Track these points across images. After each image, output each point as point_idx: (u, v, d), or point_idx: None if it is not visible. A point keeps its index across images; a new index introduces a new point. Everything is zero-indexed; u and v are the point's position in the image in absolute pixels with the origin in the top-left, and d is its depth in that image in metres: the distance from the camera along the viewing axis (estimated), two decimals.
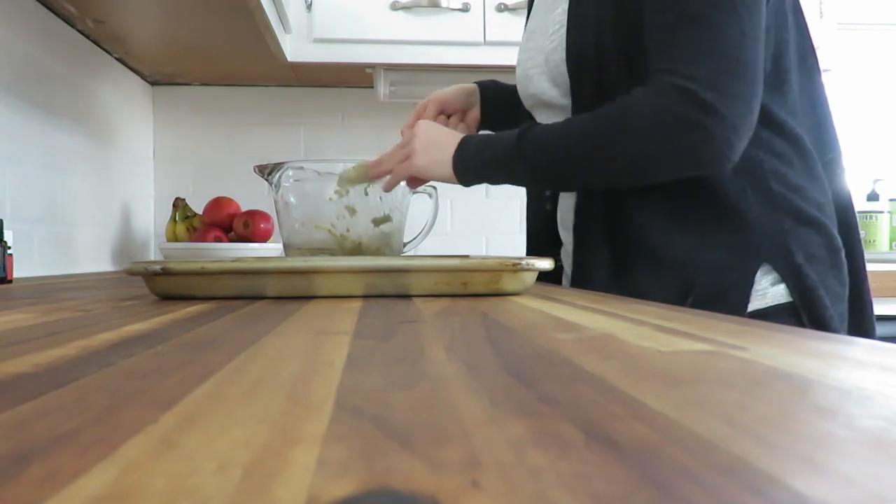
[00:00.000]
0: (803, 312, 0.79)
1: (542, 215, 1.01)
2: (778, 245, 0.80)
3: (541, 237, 1.02)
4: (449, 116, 1.08)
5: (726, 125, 0.73)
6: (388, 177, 0.96)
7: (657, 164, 0.77)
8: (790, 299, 0.80)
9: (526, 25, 1.01)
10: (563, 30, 0.87)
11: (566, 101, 0.89)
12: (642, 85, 0.77)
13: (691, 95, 0.73)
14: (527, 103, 0.97)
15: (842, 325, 0.83)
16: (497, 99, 1.11)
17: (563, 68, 0.87)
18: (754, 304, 0.80)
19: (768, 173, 0.81)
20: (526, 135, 0.83)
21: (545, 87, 0.92)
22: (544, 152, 0.82)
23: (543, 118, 0.95)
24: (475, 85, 1.10)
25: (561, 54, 0.87)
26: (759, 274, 0.80)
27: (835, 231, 0.84)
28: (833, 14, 1.70)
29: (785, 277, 0.80)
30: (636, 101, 0.77)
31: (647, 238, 0.84)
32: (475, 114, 1.10)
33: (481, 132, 0.90)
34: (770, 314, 0.80)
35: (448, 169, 0.88)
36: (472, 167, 0.88)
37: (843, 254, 0.84)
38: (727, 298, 0.79)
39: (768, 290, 0.81)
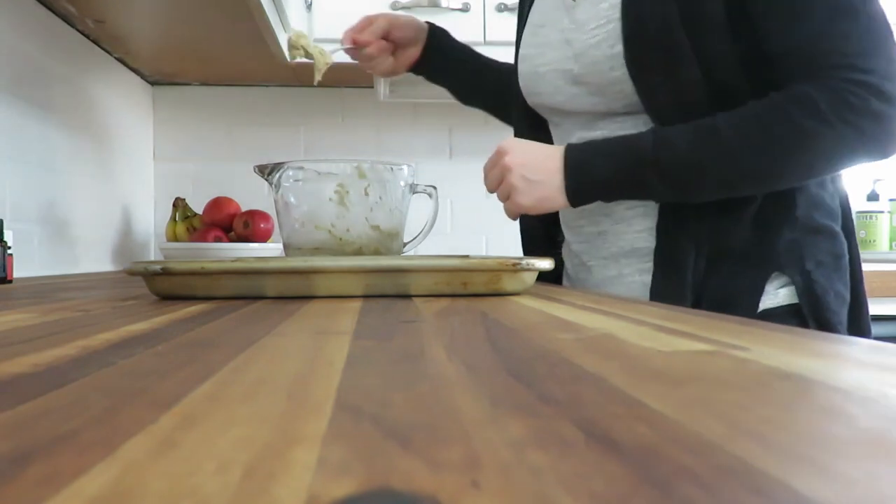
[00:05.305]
0: (810, 318, 0.80)
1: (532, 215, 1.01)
2: (791, 254, 0.80)
3: (534, 235, 1.02)
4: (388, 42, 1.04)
5: None
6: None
7: (838, 161, 0.75)
8: (798, 301, 0.81)
9: (525, 20, 0.97)
10: (612, 25, 0.81)
11: (589, 101, 0.85)
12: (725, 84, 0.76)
13: (871, 88, 0.71)
14: (530, 100, 0.95)
15: (844, 328, 0.83)
16: (443, 50, 1.07)
17: (605, 66, 0.81)
18: (764, 303, 0.81)
19: None
20: (660, 147, 0.76)
21: (559, 85, 0.88)
22: (693, 168, 0.76)
23: (549, 114, 0.93)
24: (427, 25, 1.06)
25: (606, 50, 0.81)
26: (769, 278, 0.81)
27: (842, 235, 0.84)
28: None
29: (796, 284, 0.80)
30: (806, 100, 0.73)
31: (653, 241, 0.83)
32: (412, 53, 1.06)
33: (579, 143, 0.82)
34: (779, 314, 0.80)
35: (560, 202, 0.81)
36: (590, 193, 0.80)
37: (847, 258, 0.84)
38: (738, 303, 0.79)
39: (779, 291, 0.81)
